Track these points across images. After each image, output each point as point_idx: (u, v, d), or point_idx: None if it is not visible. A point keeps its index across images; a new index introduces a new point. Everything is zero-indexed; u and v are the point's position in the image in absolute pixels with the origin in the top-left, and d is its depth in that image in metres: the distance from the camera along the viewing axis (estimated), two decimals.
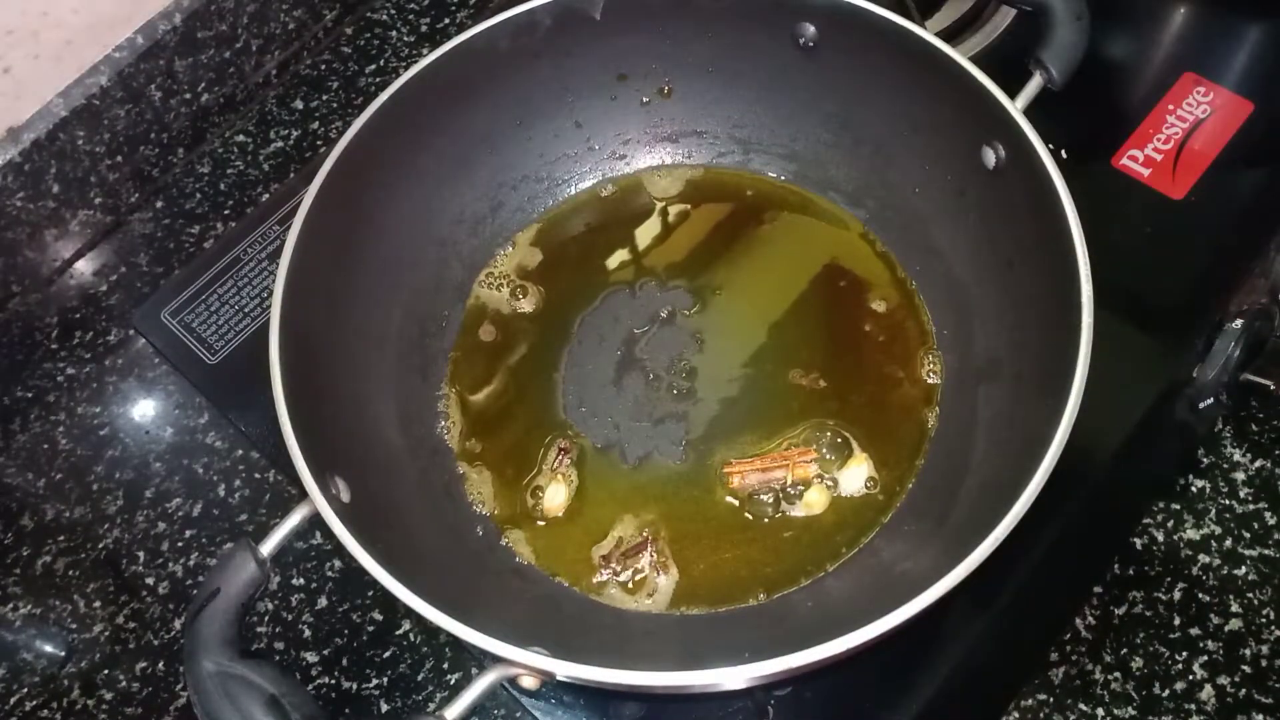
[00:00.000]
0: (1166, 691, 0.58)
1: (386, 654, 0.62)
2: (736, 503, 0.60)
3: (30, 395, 0.73)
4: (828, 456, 0.61)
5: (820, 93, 0.65)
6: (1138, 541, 0.61)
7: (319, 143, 0.81)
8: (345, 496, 0.51)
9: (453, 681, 0.61)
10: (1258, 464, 0.63)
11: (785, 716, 0.57)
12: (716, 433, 0.62)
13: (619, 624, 0.58)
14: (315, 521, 0.49)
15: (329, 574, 0.65)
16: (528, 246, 0.69)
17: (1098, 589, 0.60)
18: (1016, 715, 0.58)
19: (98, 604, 0.66)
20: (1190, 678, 0.58)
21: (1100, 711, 0.58)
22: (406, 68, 0.61)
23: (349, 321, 0.60)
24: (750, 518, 0.60)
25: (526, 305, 0.67)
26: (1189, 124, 0.69)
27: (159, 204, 0.80)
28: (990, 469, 0.55)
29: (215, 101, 0.81)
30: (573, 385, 0.65)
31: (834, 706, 0.57)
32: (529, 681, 0.47)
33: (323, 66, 0.84)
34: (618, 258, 0.69)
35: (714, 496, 0.60)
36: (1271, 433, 0.64)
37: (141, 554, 0.67)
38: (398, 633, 0.62)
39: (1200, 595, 0.60)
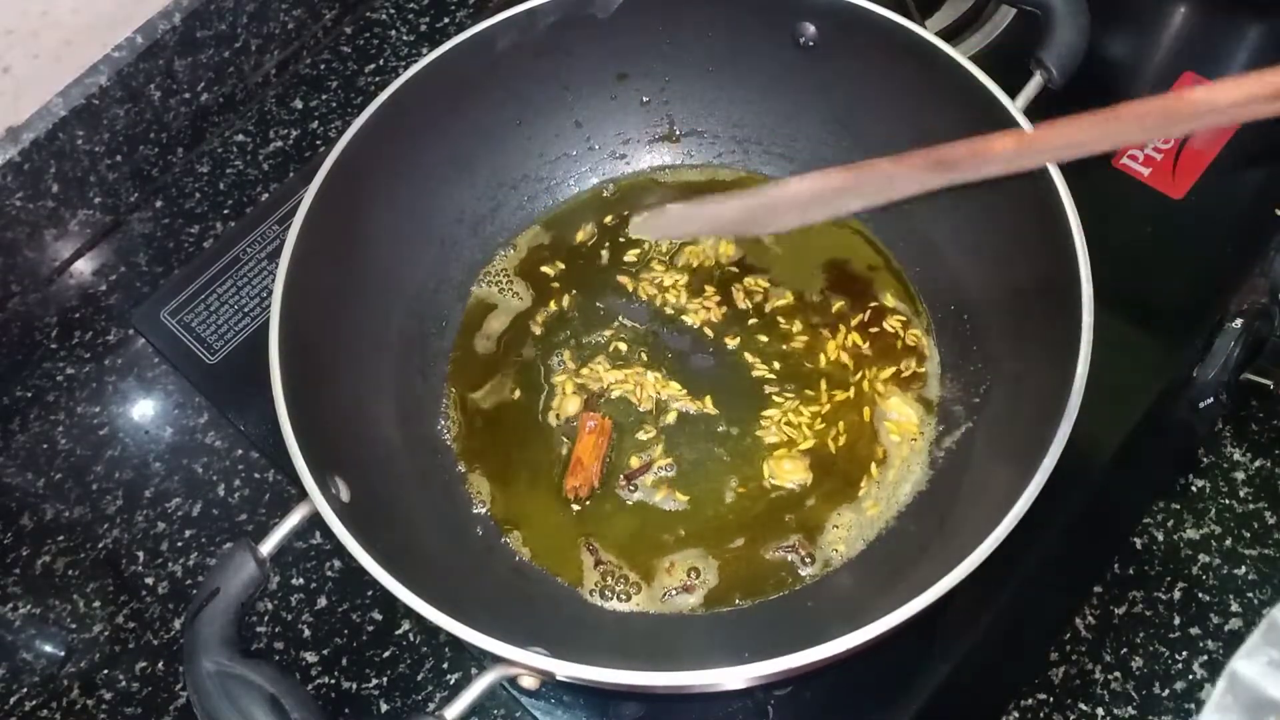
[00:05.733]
0: (1166, 691, 0.58)
1: (386, 654, 0.62)
2: (739, 502, 0.60)
3: (30, 395, 0.73)
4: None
5: (820, 93, 0.65)
6: (1138, 541, 0.61)
7: (319, 142, 0.81)
8: (345, 496, 0.51)
9: (452, 681, 0.61)
10: (1258, 464, 0.63)
11: (785, 716, 0.57)
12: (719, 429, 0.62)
13: (619, 624, 0.58)
14: (315, 521, 0.49)
15: (329, 574, 0.64)
16: (528, 246, 0.69)
17: (1098, 589, 0.60)
18: (1016, 715, 0.58)
19: (97, 604, 0.66)
20: (1190, 678, 0.58)
21: (1100, 711, 0.58)
22: (406, 67, 0.61)
23: (349, 321, 0.60)
24: (751, 517, 0.60)
25: (526, 305, 0.67)
26: None
27: (158, 204, 0.80)
28: (990, 469, 0.55)
29: (215, 101, 0.81)
30: None
31: (834, 706, 0.57)
32: (529, 681, 0.47)
33: (322, 66, 0.84)
34: (618, 257, 0.69)
35: (717, 495, 0.60)
36: (1271, 433, 0.64)
37: (141, 554, 0.67)
38: (397, 633, 0.62)
39: (1200, 595, 0.60)
